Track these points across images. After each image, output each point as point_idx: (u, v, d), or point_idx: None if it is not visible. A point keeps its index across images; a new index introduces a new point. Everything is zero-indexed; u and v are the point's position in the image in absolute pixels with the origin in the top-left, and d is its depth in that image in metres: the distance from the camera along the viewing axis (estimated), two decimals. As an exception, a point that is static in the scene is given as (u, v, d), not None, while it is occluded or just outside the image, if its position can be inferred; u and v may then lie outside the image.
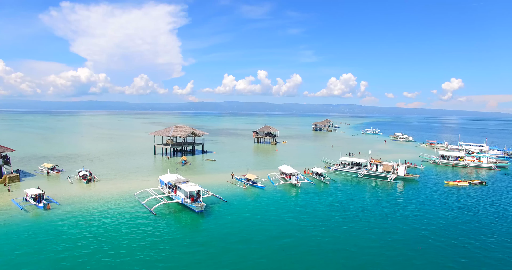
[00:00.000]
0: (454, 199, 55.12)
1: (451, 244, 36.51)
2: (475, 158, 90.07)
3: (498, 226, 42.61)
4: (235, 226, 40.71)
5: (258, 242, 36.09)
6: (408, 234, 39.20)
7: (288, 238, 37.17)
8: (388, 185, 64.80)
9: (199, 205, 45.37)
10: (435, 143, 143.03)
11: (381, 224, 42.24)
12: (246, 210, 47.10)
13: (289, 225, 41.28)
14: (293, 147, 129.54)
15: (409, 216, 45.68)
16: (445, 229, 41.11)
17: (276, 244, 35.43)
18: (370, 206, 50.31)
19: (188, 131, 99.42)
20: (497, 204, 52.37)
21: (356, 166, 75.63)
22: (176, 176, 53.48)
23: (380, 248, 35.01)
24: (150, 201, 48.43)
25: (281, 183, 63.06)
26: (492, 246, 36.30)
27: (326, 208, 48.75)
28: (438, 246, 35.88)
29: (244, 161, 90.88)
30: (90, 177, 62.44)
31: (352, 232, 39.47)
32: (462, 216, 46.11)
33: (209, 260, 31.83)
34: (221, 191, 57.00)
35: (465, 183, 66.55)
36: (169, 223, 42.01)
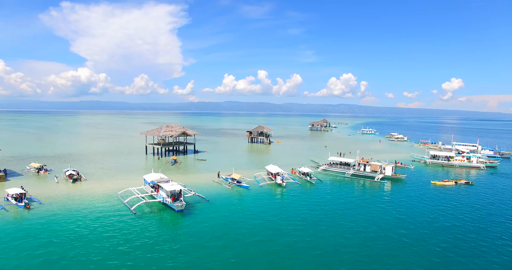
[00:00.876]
0: (437, 199, 55.23)
1: (427, 244, 36.55)
2: (465, 158, 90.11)
3: (476, 226, 42.71)
4: (213, 226, 40.85)
5: (234, 242, 36.10)
6: (385, 234, 39.23)
7: (264, 239, 37.21)
8: (374, 185, 64.93)
9: (179, 204, 45.57)
10: (429, 143, 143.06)
11: (360, 224, 42.34)
12: (227, 210, 47.24)
13: (268, 225, 41.37)
14: (287, 147, 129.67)
15: (390, 216, 45.79)
16: (423, 229, 41.19)
17: (251, 245, 35.42)
18: (352, 206, 50.46)
19: (179, 131, 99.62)
20: (480, 204, 52.49)
21: (344, 166, 75.72)
22: (159, 176, 53.62)
23: (354, 248, 35.10)
24: (131, 200, 48.59)
25: (267, 182, 63.18)
26: (465, 245, 36.42)
27: (308, 208, 48.86)
28: (414, 246, 35.97)
29: (235, 160, 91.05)
30: (76, 176, 62.65)
31: (330, 231, 39.56)
32: (442, 216, 46.22)
33: (181, 259, 31.97)
34: (206, 191, 57.18)
35: (452, 183, 66.62)
36: (147, 222, 42.15)
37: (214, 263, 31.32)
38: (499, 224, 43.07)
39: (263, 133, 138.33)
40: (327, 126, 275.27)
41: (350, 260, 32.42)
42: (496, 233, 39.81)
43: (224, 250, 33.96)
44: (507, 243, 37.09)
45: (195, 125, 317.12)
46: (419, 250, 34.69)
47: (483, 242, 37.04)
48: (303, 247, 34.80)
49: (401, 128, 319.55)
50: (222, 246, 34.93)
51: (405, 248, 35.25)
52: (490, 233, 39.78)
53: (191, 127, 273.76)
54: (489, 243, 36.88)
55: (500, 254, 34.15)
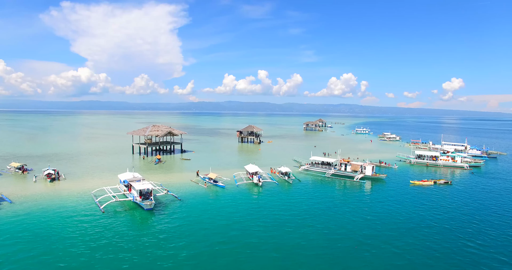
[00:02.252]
0: (412, 199, 55.15)
1: (390, 245, 36.48)
2: (450, 158, 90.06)
3: (445, 227, 42.69)
4: (179, 225, 40.92)
5: (195, 243, 35.93)
6: (350, 235, 39.13)
7: (227, 240, 37.04)
8: (352, 185, 64.91)
9: (148, 203, 45.80)
10: (419, 142, 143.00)
11: (328, 225, 42.15)
12: (197, 209, 47.28)
13: (234, 226, 41.21)
14: (277, 146, 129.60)
15: (360, 217, 45.68)
16: (390, 230, 41.11)
17: (211, 246, 35.23)
18: (324, 206, 50.45)
19: (165, 131, 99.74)
20: (454, 204, 52.47)
21: (326, 166, 75.74)
22: (132, 175, 53.76)
23: (315, 250, 34.99)
24: (103, 198, 48.75)
25: (244, 182, 63.22)
26: (428, 247, 36.45)
27: (279, 208, 48.87)
28: (378, 247, 35.99)
29: (220, 160, 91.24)
30: (54, 176, 62.77)
31: (296, 233, 39.42)
32: (413, 217, 46.18)
33: (136, 260, 32.04)
34: (181, 190, 57.39)
35: (431, 182, 66.63)
36: (114, 221, 42.15)
37: (167, 264, 31.35)
38: (470, 225, 42.73)
39: (253, 133, 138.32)
40: (322, 126, 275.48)
41: (308, 262, 32.38)
42: (463, 235, 39.76)
43: (182, 250, 33.97)
44: (468, 244, 37.08)
45: (192, 124, 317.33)
46: (379, 252, 34.51)
47: (446, 244, 36.99)
48: (263, 249, 34.62)
49: (398, 128, 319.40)
50: (181, 246, 34.94)
51: (366, 250, 35.07)
52: (456, 235, 39.62)
53: (187, 127, 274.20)
54: (452, 245, 36.71)
55: (463, 257, 34.13)
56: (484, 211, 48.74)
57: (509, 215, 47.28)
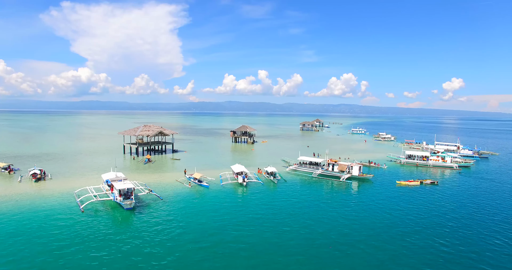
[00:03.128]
0: (396, 199, 55.10)
1: (366, 246, 36.53)
2: (440, 158, 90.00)
3: (423, 228, 42.72)
4: (156, 224, 40.98)
5: (170, 242, 36.06)
6: (328, 234, 39.14)
7: (200, 240, 37.09)
8: (338, 185, 64.82)
9: (127, 203, 45.94)
10: (413, 142, 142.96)
11: (304, 225, 42.07)
12: (177, 209, 47.30)
13: (211, 225, 41.37)
14: (271, 146, 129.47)
15: (338, 217, 45.73)
16: (369, 230, 41.16)
17: (181, 245, 35.15)
18: (304, 206, 50.49)
19: (156, 131, 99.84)
20: (437, 204, 52.47)
21: (314, 166, 75.73)
22: (115, 174, 53.84)
23: (287, 249, 35.04)
24: (84, 198, 48.84)
25: (229, 182, 63.26)
26: (403, 247, 36.47)
27: (259, 208, 48.93)
28: (353, 247, 36.03)
29: (211, 160, 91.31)
30: (40, 175, 62.84)
31: (272, 232, 39.50)
32: (393, 217, 46.16)
33: (105, 258, 32.09)
34: (166, 190, 57.51)
35: (417, 182, 66.57)
36: (93, 220, 42.14)
37: (141, 264, 31.40)
38: (447, 227, 42.52)
39: (247, 133, 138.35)
40: (319, 126, 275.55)
41: (280, 261, 32.42)
42: (438, 235, 39.81)
43: (157, 250, 34.03)
44: (441, 244, 37.11)
45: (189, 124, 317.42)
46: (353, 252, 34.43)
47: (421, 243, 37.06)
48: (237, 249, 34.51)
49: (396, 128, 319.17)
50: (156, 246, 34.98)
51: (340, 250, 35.01)
52: (432, 236, 39.59)
53: (184, 127, 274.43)
54: (426, 244, 36.79)
55: (433, 256, 34.18)
56: (464, 211, 48.73)
57: (487, 215, 47.26)
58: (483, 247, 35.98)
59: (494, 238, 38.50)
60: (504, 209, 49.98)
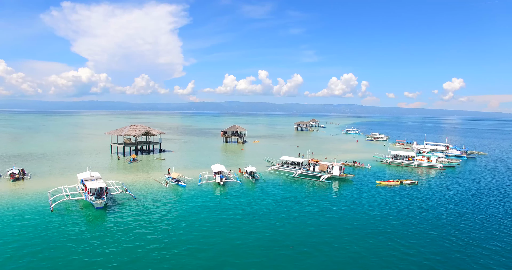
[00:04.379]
0: (372, 200, 54.92)
1: (329, 247, 36.52)
2: (426, 158, 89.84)
3: (391, 229, 42.61)
4: (123, 224, 40.94)
5: (131, 242, 35.98)
6: (294, 235, 39.13)
7: (163, 240, 36.99)
8: (317, 186, 64.64)
9: (98, 202, 46.08)
10: (404, 142, 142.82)
11: (273, 226, 41.92)
12: (148, 208, 47.23)
13: (177, 225, 41.34)
14: (262, 146, 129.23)
15: (310, 217, 45.59)
16: (335, 230, 41.20)
17: (139, 247, 34.91)
18: (278, 206, 50.41)
19: (143, 130, 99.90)
20: (411, 205, 52.36)
21: (296, 166, 75.65)
22: (89, 174, 53.89)
23: (251, 249, 35.08)
24: (58, 197, 48.95)
25: (207, 182, 63.28)
26: (364, 249, 36.39)
27: (229, 209, 48.88)
28: (315, 248, 36.01)
29: (197, 160, 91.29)
30: (18, 175, 62.88)
31: (237, 233, 39.43)
32: (363, 218, 46.00)
33: (60, 261, 32.04)
34: (142, 189, 57.61)
35: (397, 183, 66.44)
36: (61, 219, 42.11)
37: (100, 264, 31.42)
38: (415, 227, 42.16)
39: (237, 133, 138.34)
40: (314, 126, 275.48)
41: (240, 263, 32.40)
42: (404, 237, 39.73)
43: (117, 250, 34.02)
44: (405, 247, 37.03)
45: (186, 125, 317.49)
46: (316, 254, 34.29)
47: (384, 244, 36.97)
48: (196, 250, 34.40)
49: (393, 128, 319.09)
50: (118, 246, 34.99)
51: (302, 252, 34.90)
52: (397, 237, 39.38)
53: (180, 127, 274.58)
54: (389, 248, 36.62)
55: (393, 258, 34.13)
56: (438, 212, 48.64)
57: (460, 216, 47.17)
58: (445, 249, 35.91)
59: (459, 240, 38.43)
60: (478, 210, 49.87)
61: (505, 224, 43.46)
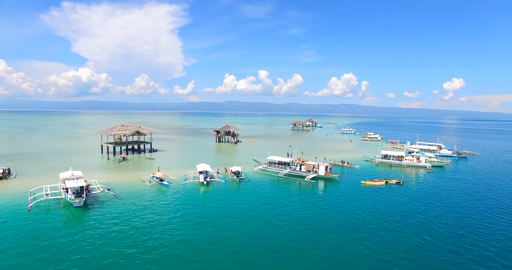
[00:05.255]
0: (355, 200, 54.88)
1: (297, 248, 36.54)
2: (415, 158, 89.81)
3: (367, 232, 42.60)
4: (99, 222, 41.05)
5: (101, 242, 36.09)
6: (267, 236, 39.08)
7: (135, 241, 36.96)
8: (301, 185, 64.51)
9: (76, 201, 46.22)
10: (397, 142, 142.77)
11: (248, 226, 41.77)
12: (127, 208, 47.26)
13: (151, 225, 41.35)
14: (255, 146, 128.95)
15: (286, 217, 45.57)
16: (311, 230, 41.21)
17: (115, 247, 34.99)
18: (257, 206, 50.49)
19: (133, 130, 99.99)
20: (391, 206, 52.34)
21: (283, 166, 75.68)
22: (71, 173, 54.00)
23: (218, 251, 35.03)
24: (36, 197, 49.12)
25: (191, 181, 63.36)
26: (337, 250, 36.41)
27: (210, 209, 48.99)
28: (284, 248, 36.06)
29: (186, 159, 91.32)
30: (1, 175, 62.97)
31: (210, 232, 39.47)
32: (341, 219, 45.94)
33: (24, 261, 32.15)
34: (126, 188, 57.76)
35: (382, 183, 66.37)
36: (37, 218, 42.22)
37: (67, 263, 31.51)
38: (392, 231, 41.41)
39: (230, 133, 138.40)
40: (310, 126, 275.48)
41: (211, 262, 32.50)
42: (373, 237, 39.71)
43: (91, 249, 34.13)
44: (373, 251, 37.00)
45: (182, 124, 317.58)
46: (286, 254, 34.32)
47: (350, 247, 36.93)
48: (158, 255, 34.11)
49: (390, 128, 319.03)
50: (91, 245, 35.08)
51: (272, 251, 34.92)
52: (368, 239, 39.07)
53: (176, 127, 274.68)
54: (356, 252, 36.37)
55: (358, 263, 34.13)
56: (418, 212, 48.65)
57: (438, 216, 47.21)
58: (415, 249, 35.97)
59: (427, 242, 38.43)
60: (458, 210, 49.91)
61: (478, 225, 43.51)
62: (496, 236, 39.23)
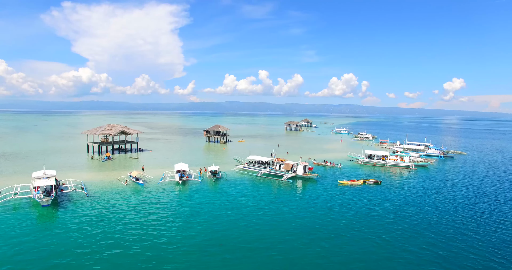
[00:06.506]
0: (329, 200, 54.67)
1: (254, 248, 36.57)
2: (399, 157, 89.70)
3: (334, 233, 42.50)
4: (62, 222, 41.09)
5: (61, 242, 36.19)
6: (229, 236, 39.06)
7: (89, 242, 37.03)
8: (279, 185, 64.28)
9: (44, 200, 46.35)
10: (387, 142, 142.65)
11: (210, 226, 41.71)
12: (96, 207, 47.14)
13: (111, 225, 41.26)
14: (245, 146, 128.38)
15: (249, 218, 45.39)
16: (273, 230, 41.24)
17: (69, 245, 35.22)
18: (226, 205, 50.42)
19: (118, 130, 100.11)
20: (363, 205, 52.26)
21: (263, 165, 75.67)
22: (43, 172, 54.08)
23: (172, 252, 34.99)
24: (6, 196, 49.19)
25: (167, 180, 63.41)
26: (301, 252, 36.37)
27: (176, 208, 48.98)
28: (242, 248, 36.09)
29: (171, 159, 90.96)
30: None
31: (168, 235, 39.39)
32: (306, 221, 45.81)
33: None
34: (101, 187, 57.97)
35: (359, 182, 66.25)
36: (2, 218, 42.35)
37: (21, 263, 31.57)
38: (355, 232, 41.09)
39: (219, 133, 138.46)
40: (306, 126, 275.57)
41: (169, 262, 32.53)
42: (338, 239, 39.67)
43: (46, 249, 34.16)
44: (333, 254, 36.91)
45: (177, 124, 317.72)
46: (249, 254, 34.43)
47: (309, 250, 36.88)
48: (109, 255, 33.77)
49: (387, 128, 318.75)
50: (48, 244, 35.14)
51: (225, 250, 34.99)
52: (331, 243, 39.01)
53: (171, 126, 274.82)
54: (312, 254, 36.45)
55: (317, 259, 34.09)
56: (389, 211, 48.56)
57: (407, 216, 47.14)
58: (372, 251, 35.94)
59: (388, 244, 38.38)
60: (430, 210, 49.76)
61: (443, 225, 43.48)
62: (456, 236, 39.14)
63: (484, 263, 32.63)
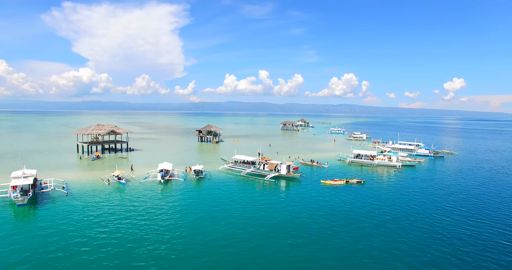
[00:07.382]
0: (309, 200, 54.61)
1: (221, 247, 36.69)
2: (387, 157, 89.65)
3: (311, 235, 42.50)
4: (39, 220, 41.34)
5: (33, 241, 36.38)
6: (204, 238, 39.22)
7: (61, 242, 37.19)
8: (261, 185, 64.22)
9: (20, 199, 46.47)
10: (380, 142, 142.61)
11: (185, 225, 41.86)
12: (73, 206, 47.25)
13: (83, 223, 41.23)
14: (238, 146, 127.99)
15: (229, 217, 45.61)
16: (249, 229, 41.36)
17: (40, 244, 35.51)
18: (203, 205, 50.52)
19: (108, 129, 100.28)
20: (343, 205, 52.23)
21: (248, 165, 75.74)
22: (22, 172, 54.23)
23: (137, 252, 35.20)
24: (-15, 196, 49.45)
25: (149, 180, 63.54)
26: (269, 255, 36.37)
27: (154, 207, 49.08)
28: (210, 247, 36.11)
29: (160, 159, 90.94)
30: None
31: (141, 230, 39.64)
32: (286, 221, 45.78)
33: None
34: (83, 186, 58.15)
35: (342, 182, 66.25)
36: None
37: None
38: (327, 235, 41.48)
39: (211, 132, 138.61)
40: (302, 126, 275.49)
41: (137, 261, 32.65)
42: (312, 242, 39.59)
43: (19, 249, 34.33)
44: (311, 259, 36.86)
45: (174, 124, 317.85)
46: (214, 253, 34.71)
47: (276, 250, 36.88)
48: (91, 249, 34.47)
49: (386, 128, 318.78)
50: (22, 244, 35.32)
51: (191, 248, 35.14)
52: (304, 245, 39.08)
53: (167, 126, 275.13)
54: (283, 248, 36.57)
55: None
56: (368, 212, 48.56)
57: (389, 218, 47.10)
58: (348, 253, 35.96)
59: (365, 246, 38.39)
60: (409, 211, 49.69)
61: (419, 226, 43.51)
62: (431, 240, 39.07)
63: (459, 262, 32.63)
